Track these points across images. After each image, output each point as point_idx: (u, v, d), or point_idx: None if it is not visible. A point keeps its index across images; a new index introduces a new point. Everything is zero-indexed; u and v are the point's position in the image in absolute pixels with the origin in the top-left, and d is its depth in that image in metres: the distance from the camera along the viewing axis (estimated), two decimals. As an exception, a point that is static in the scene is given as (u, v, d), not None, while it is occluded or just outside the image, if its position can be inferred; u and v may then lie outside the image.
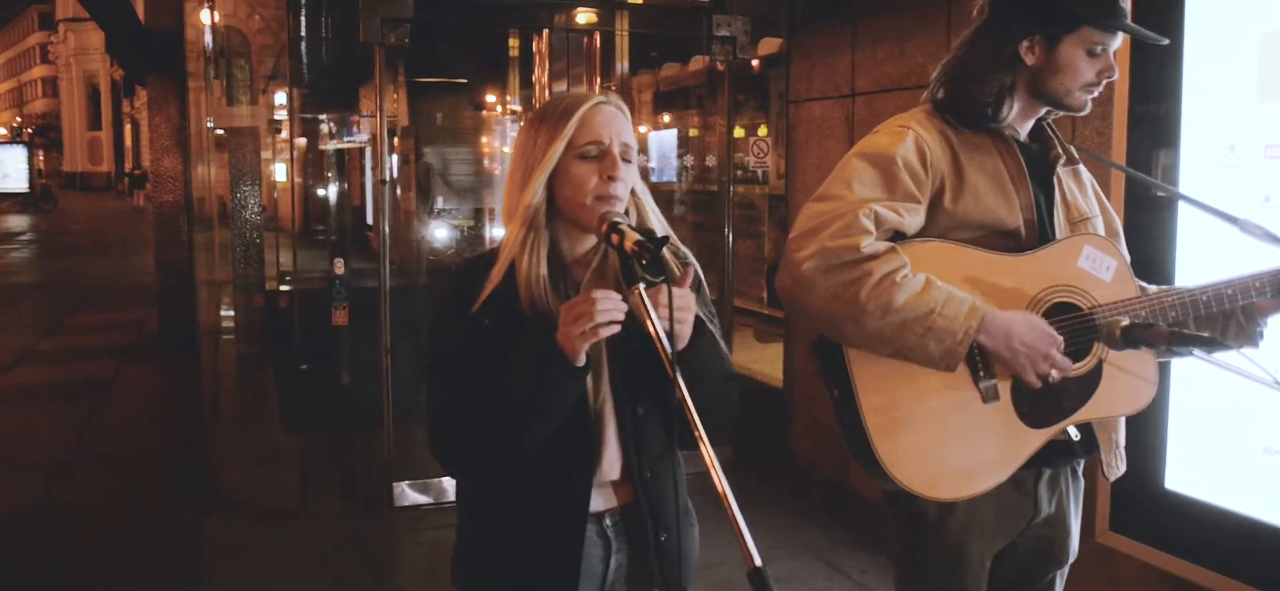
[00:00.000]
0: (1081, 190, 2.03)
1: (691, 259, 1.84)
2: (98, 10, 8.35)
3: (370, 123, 13.87)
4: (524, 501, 1.72)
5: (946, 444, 1.82)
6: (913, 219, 1.82)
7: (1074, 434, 1.93)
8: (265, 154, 15.33)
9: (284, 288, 8.94)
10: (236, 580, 4.15)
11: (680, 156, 8.92)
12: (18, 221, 30.94)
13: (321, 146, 18.17)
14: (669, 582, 1.77)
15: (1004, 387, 1.82)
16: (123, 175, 52.48)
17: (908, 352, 1.73)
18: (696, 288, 1.81)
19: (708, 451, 1.40)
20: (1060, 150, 1.98)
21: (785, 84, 5.61)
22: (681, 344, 1.62)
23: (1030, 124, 1.98)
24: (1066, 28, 1.84)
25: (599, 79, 6.68)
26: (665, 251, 1.74)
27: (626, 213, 1.77)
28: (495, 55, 8.41)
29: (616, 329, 1.57)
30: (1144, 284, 1.98)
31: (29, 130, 58.30)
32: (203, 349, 8.10)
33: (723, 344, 1.83)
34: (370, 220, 13.45)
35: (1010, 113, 1.92)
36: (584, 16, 6.41)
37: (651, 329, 1.50)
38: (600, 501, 1.75)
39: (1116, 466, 2.02)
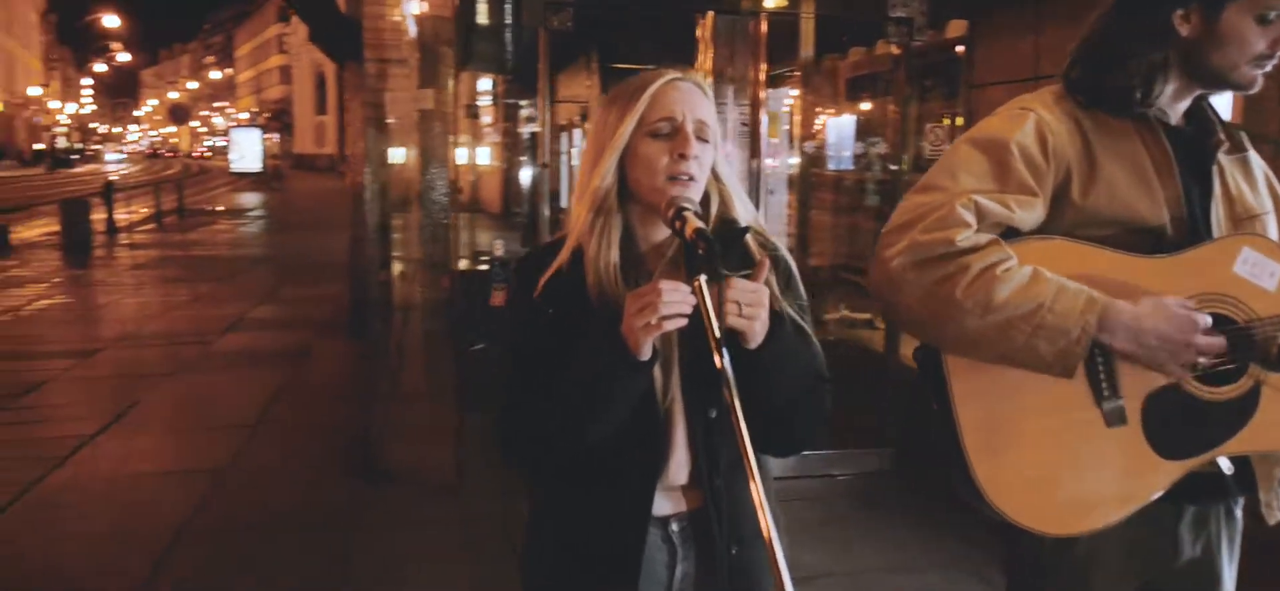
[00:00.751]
0: (1250, 183, 1.74)
1: (781, 250, 1.70)
2: (300, 3, 8.83)
3: (556, 108, 14.16)
4: (587, 500, 1.64)
5: (1058, 470, 1.60)
6: (1026, 214, 1.60)
7: (1226, 467, 1.66)
8: (464, 137, 15.98)
9: (481, 266, 9.26)
10: (389, 550, 4.29)
11: (868, 143, 8.59)
12: (250, 198, 33.52)
13: (519, 129, 18.70)
14: (729, 593, 1.64)
15: (1133, 409, 1.58)
16: (343, 157, 56.12)
17: (1015, 357, 1.53)
18: (786, 283, 1.67)
19: (751, 461, 1.27)
20: (1223, 136, 1.70)
21: (970, 68, 5.30)
22: (753, 342, 1.49)
23: (1184, 105, 1.72)
24: None
25: (765, 63, 6.52)
26: (748, 240, 1.63)
27: (708, 198, 1.66)
28: (684, 39, 8.38)
29: (683, 322, 1.46)
30: None
31: (264, 115, 63.14)
32: (392, 325, 8.48)
33: (815, 344, 1.68)
34: (564, 202, 13.78)
35: (1162, 94, 1.66)
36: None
37: (707, 324, 1.38)
38: (666, 505, 1.64)
39: (1277, 509, 1.73)
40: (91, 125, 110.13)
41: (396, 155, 9.97)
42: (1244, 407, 1.59)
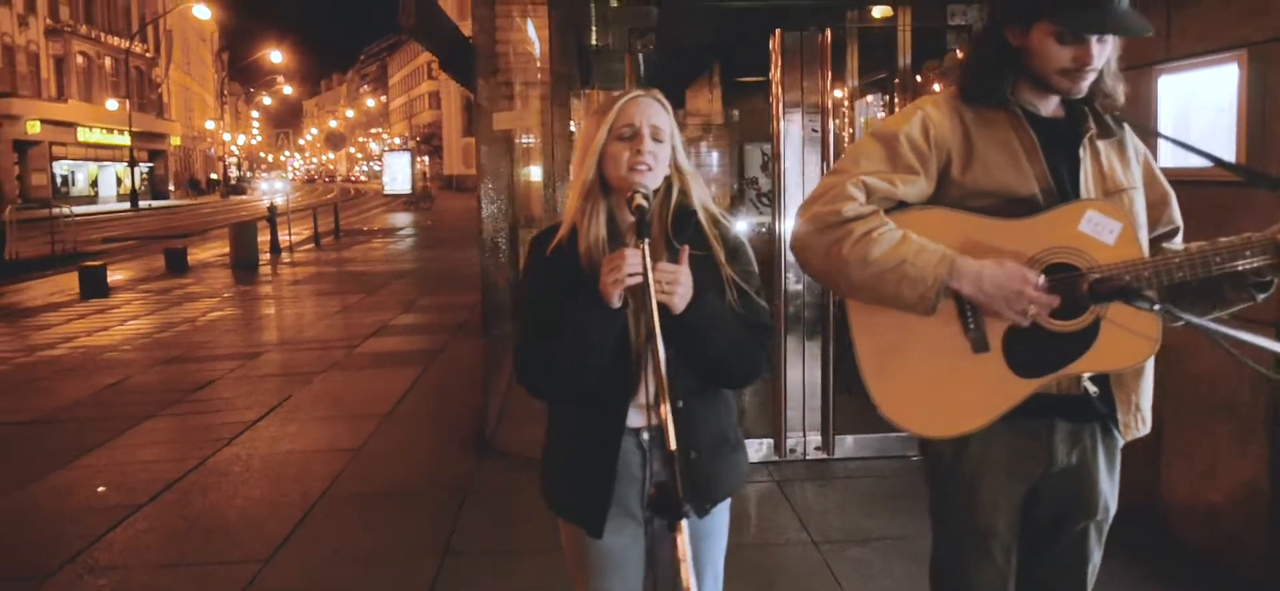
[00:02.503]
0: (1124, 163, 2.13)
1: (731, 227, 2.21)
2: (427, 35, 9.65)
3: (685, 122, 14.68)
4: (582, 418, 2.19)
5: (935, 387, 2.04)
6: (910, 189, 2.05)
7: (1092, 389, 2.08)
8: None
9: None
10: (494, 511, 4.92)
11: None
12: (401, 218, 35.45)
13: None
14: (692, 494, 2.15)
15: (996, 339, 2.01)
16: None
17: (887, 300, 1.98)
18: (733, 254, 2.18)
19: (663, 382, 1.76)
20: (1092, 124, 2.10)
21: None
22: (676, 310, 2.02)
23: (1053, 101, 2.11)
24: (1029, 18, 2.00)
25: (857, 76, 6.90)
26: (701, 220, 2.15)
27: (670, 187, 2.18)
28: (803, 52, 8.80)
29: (639, 279, 1.99)
30: (1178, 246, 2.08)
31: (415, 139, 66.26)
32: (513, 329, 9.19)
33: (759, 303, 2.18)
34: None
35: (1012, 90, 2.07)
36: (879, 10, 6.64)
37: (645, 278, 1.91)
38: (638, 419, 2.17)
39: (1136, 427, 2.12)
40: (259, 154, 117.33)
41: (534, 173, 10.71)
42: (1087, 337, 1.99)
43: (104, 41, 51.52)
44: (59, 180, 47.25)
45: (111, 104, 50.03)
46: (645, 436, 2.18)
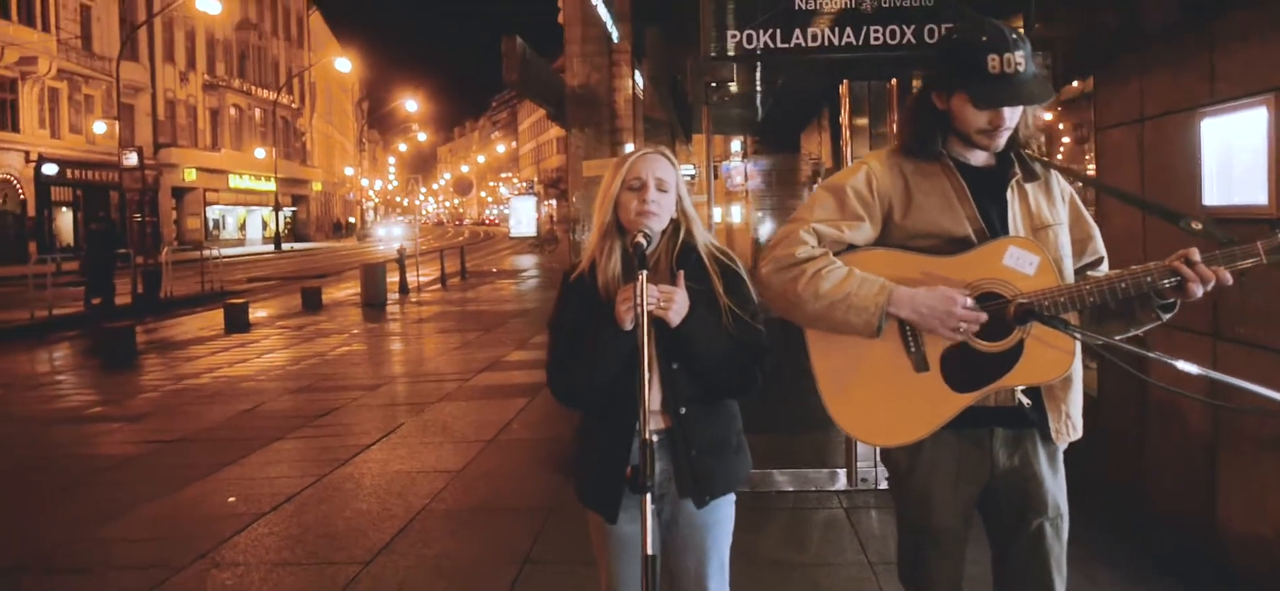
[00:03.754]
0: (1049, 201, 2.43)
1: (733, 262, 2.57)
2: (529, 88, 10.26)
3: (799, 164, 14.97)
4: (601, 423, 2.57)
5: (883, 403, 2.35)
6: (855, 233, 2.38)
7: (1025, 400, 2.35)
8: (699, 197, 17.16)
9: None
10: (576, 525, 5.30)
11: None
12: (525, 260, 36.67)
13: (764, 185, 19.63)
14: (692, 488, 2.50)
15: (934, 359, 2.31)
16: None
17: (838, 326, 2.30)
18: (732, 285, 2.54)
19: (644, 370, 2.14)
20: (1018, 170, 2.40)
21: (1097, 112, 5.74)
22: (672, 323, 2.41)
23: (981, 153, 2.41)
24: (949, 89, 2.33)
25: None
26: (702, 255, 2.52)
27: (678, 227, 2.55)
28: (871, 98, 9.07)
29: (654, 308, 2.38)
30: (1095, 273, 2.36)
31: (542, 183, 68.19)
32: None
33: (756, 329, 2.53)
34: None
35: (944, 146, 2.39)
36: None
37: (639, 303, 2.29)
38: (650, 422, 2.53)
39: (1066, 432, 2.39)
40: (395, 198, 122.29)
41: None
42: (1013, 355, 2.28)
43: (254, 94, 54.98)
44: (211, 224, 50.48)
45: (259, 152, 53.24)
46: (655, 438, 2.55)
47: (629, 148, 10.81)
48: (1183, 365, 2.10)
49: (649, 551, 1.91)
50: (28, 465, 7.52)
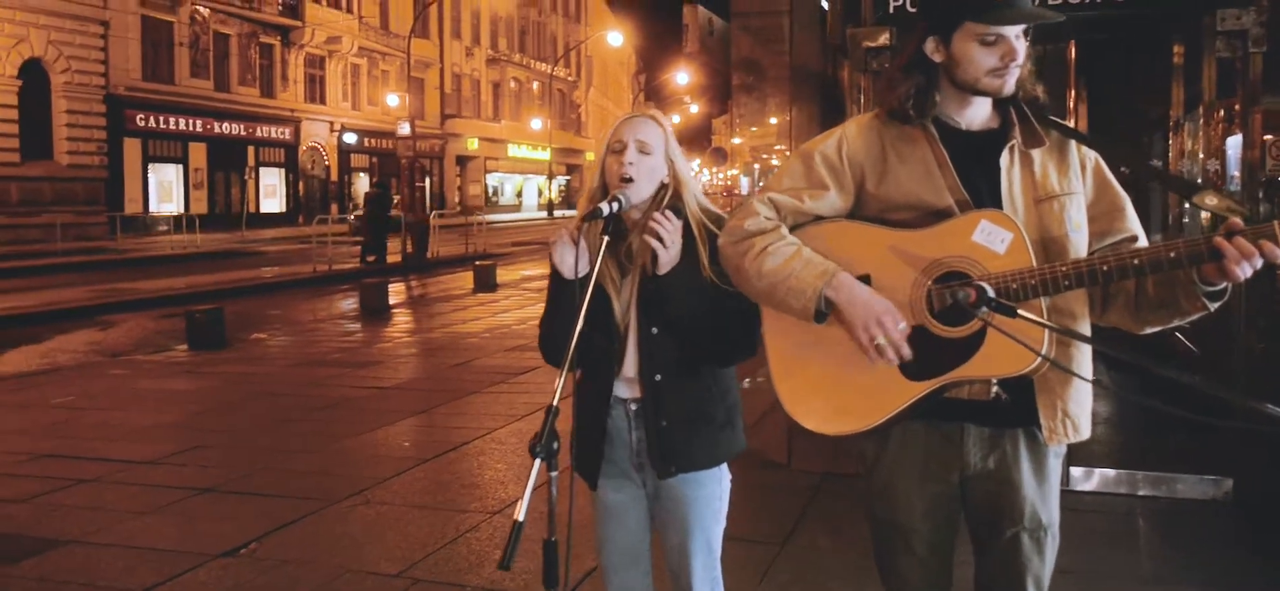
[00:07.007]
0: (1060, 169, 2.14)
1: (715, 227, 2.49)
2: (705, 61, 10.15)
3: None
4: (584, 387, 2.58)
5: (832, 388, 2.16)
6: (816, 203, 2.19)
7: (1001, 394, 2.11)
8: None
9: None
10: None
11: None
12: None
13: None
14: (659, 460, 2.46)
15: None
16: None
17: (780, 306, 2.14)
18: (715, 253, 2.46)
19: (565, 367, 2.14)
20: (1018, 134, 2.13)
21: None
22: (662, 269, 2.39)
23: (975, 110, 2.16)
24: (952, 24, 2.07)
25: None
26: (690, 215, 2.47)
27: (665, 187, 2.50)
28: (1159, 61, 8.28)
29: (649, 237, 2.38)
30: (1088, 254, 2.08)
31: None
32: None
33: (739, 298, 2.43)
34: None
35: (933, 107, 2.14)
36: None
37: (591, 268, 2.27)
38: (625, 391, 2.52)
39: (1064, 433, 2.11)
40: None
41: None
42: (973, 342, 2.02)
43: (533, 67, 57.93)
44: (490, 190, 53.87)
45: (536, 123, 56.09)
46: (633, 407, 2.52)
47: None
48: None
49: (518, 518, 1.91)
50: (256, 398, 8.42)
